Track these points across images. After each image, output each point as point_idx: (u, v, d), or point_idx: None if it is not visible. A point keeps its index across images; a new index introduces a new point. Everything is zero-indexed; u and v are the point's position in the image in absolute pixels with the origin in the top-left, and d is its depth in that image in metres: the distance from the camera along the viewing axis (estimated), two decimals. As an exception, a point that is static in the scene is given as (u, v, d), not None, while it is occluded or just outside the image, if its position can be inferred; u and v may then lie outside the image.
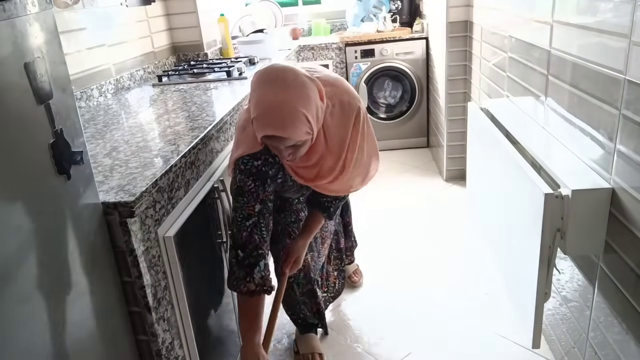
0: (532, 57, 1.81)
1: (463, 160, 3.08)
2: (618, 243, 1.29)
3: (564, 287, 1.64)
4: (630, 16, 1.16)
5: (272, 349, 1.96)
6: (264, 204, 1.42)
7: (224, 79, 2.44)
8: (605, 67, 1.28)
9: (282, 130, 1.25)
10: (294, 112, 1.26)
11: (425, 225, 2.77)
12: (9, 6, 0.85)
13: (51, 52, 0.95)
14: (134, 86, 2.47)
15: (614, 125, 1.25)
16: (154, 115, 1.86)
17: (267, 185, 1.42)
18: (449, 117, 3.15)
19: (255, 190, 1.40)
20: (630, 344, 1.25)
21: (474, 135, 2.21)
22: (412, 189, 3.23)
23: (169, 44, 2.96)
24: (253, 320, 1.43)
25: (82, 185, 1.03)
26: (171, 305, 1.31)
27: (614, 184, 1.29)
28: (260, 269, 1.41)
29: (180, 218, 1.35)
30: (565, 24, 1.52)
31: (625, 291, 1.25)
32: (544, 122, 1.73)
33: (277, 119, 1.25)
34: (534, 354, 1.79)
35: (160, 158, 1.35)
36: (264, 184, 1.42)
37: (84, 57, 2.10)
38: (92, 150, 1.45)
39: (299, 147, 1.34)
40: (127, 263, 1.15)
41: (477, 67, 2.75)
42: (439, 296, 2.18)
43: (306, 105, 1.28)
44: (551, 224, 1.34)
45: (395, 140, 3.89)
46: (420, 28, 3.72)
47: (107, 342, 1.12)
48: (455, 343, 1.90)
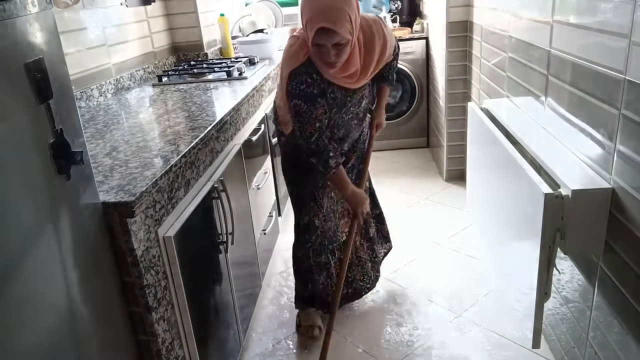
0: (532, 57, 1.81)
1: (463, 160, 3.08)
2: (618, 243, 1.29)
3: (564, 287, 1.64)
4: (630, 16, 1.16)
5: (272, 349, 1.96)
6: (320, 121, 1.66)
7: (224, 79, 2.44)
8: (605, 67, 1.28)
9: (333, 23, 1.49)
10: (342, 11, 1.51)
11: (425, 225, 2.77)
12: (9, 6, 0.85)
13: (51, 52, 0.95)
14: (134, 86, 2.47)
15: (614, 125, 1.25)
16: (154, 115, 1.86)
17: (317, 103, 1.65)
18: (449, 117, 3.15)
19: (308, 109, 1.63)
20: (630, 344, 1.25)
21: (474, 135, 2.21)
22: (412, 189, 3.23)
23: (168, 44, 2.96)
24: (343, 181, 1.79)
25: (82, 185, 1.03)
26: (171, 305, 1.31)
27: (614, 184, 1.29)
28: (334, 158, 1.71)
29: (180, 218, 1.35)
30: (565, 24, 1.52)
31: (625, 291, 1.25)
32: (544, 122, 1.73)
33: (328, 15, 1.49)
34: (534, 354, 1.79)
35: (160, 158, 1.35)
36: (314, 102, 1.64)
37: (84, 57, 2.10)
38: (92, 150, 1.45)
39: (342, 47, 1.55)
40: (127, 263, 1.15)
41: (477, 67, 2.75)
42: (439, 296, 2.18)
43: (349, 6, 1.53)
44: (551, 224, 1.34)
45: (395, 140, 3.89)
46: (420, 28, 3.72)
47: (107, 342, 1.12)
48: (455, 343, 1.90)
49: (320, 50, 1.56)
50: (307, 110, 1.63)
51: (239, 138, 1.99)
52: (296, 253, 2.04)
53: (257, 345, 1.99)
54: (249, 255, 2.03)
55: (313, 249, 1.98)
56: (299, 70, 1.62)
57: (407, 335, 1.97)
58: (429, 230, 2.71)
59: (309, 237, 1.95)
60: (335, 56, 1.56)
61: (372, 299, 2.20)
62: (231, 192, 1.70)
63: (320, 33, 1.50)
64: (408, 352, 1.88)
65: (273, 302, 2.25)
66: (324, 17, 1.48)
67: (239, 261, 1.84)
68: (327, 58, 1.56)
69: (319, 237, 1.95)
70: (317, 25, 1.49)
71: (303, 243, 1.98)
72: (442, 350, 1.87)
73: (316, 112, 1.64)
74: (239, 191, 1.90)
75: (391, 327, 2.02)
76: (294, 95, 1.64)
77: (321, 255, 2.00)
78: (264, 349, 1.97)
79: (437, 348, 1.89)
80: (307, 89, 1.62)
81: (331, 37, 1.51)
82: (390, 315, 2.09)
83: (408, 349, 1.90)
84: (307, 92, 1.62)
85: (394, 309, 2.12)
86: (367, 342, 1.96)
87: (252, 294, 2.08)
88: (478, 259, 2.40)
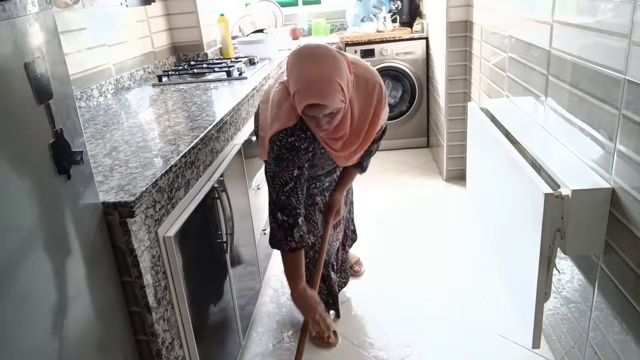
0: (532, 57, 1.81)
1: (463, 160, 3.08)
2: (618, 243, 1.29)
3: (564, 287, 1.64)
4: (630, 16, 1.16)
5: (272, 348, 1.96)
6: (300, 170, 1.56)
7: (224, 79, 2.44)
8: (605, 67, 1.28)
9: (322, 98, 1.40)
10: (332, 82, 1.41)
11: (425, 225, 2.77)
12: (9, 6, 0.85)
13: (51, 52, 0.95)
14: (134, 86, 2.47)
15: (614, 125, 1.25)
16: (154, 115, 1.86)
17: (301, 154, 1.56)
18: (449, 117, 3.15)
19: (292, 158, 1.54)
20: (630, 344, 1.25)
21: (474, 135, 2.21)
22: (412, 189, 3.23)
23: (169, 44, 2.96)
24: (297, 271, 1.62)
25: (82, 185, 1.03)
26: (171, 305, 1.31)
27: (614, 184, 1.29)
28: (299, 228, 1.57)
29: (180, 218, 1.35)
30: (565, 24, 1.52)
31: (625, 291, 1.25)
32: (544, 122, 1.73)
33: (317, 89, 1.40)
34: (534, 354, 1.79)
35: (160, 158, 1.35)
36: (299, 154, 1.55)
37: (84, 57, 2.10)
38: (92, 150, 1.45)
39: (334, 116, 1.47)
40: (127, 263, 1.15)
41: (477, 67, 2.75)
42: (439, 296, 2.18)
43: (340, 76, 1.43)
44: (551, 224, 1.34)
45: (395, 140, 3.89)
46: (420, 28, 3.72)
47: (107, 342, 1.12)
48: (455, 343, 1.90)
49: (311, 120, 1.48)
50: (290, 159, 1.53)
51: (239, 138, 1.99)
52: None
53: (258, 344, 1.99)
54: (249, 255, 2.03)
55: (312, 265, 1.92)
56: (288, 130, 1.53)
57: (406, 336, 1.97)
58: (429, 230, 2.71)
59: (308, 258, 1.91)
60: (328, 123, 1.48)
61: (371, 299, 2.20)
62: (231, 192, 1.70)
63: (310, 107, 1.42)
64: (407, 353, 1.88)
65: (273, 301, 2.25)
66: (314, 91, 1.39)
67: (239, 261, 1.84)
68: (321, 127, 1.48)
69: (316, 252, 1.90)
70: (306, 102, 1.40)
71: None
72: (442, 350, 1.87)
73: (299, 161, 1.54)
74: (239, 191, 1.90)
75: (389, 327, 2.02)
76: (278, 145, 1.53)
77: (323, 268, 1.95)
78: (264, 348, 1.97)
79: (437, 348, 1.89)
80: (296, 142, 1.54)
81: (322, 110, 1.42)
82: (389, 315, 2.09)
83: (406, 350, 1.90)
84: (295, 145, 1.53)
85: (393, 309, 2.12)
86: (365, 342, 1.96)
87: (252, 294, 2.08)
88: (478, 259, 2.40)
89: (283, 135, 1.52)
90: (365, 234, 2.62)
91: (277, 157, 1.54)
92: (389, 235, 2.70)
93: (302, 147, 1.55)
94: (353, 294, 2.25)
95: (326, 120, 1.46)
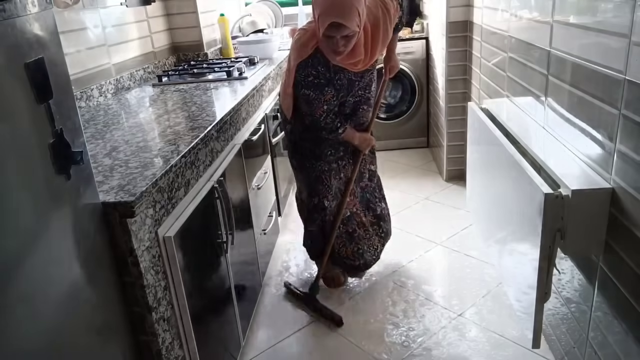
0: (532, 57, 1.80)
1: (463, 160, 3.08)
2: (618, 243, 1.29)
3: (564, 287, 1.64)
4: (630, 16, 1.16)
5: (273, 348, 1.96)
6: (328, 103, 1.88)
7: (224, 79, 2.44)
8: (605, 67, 1.28)
9: (342, 18, 1.65)
10: (351, 6, 1.67)
11: (425, 225, 2.76)
12: (9, 6, 0.85)
13: (51, 52, 0.95)
14: (134, 86, 2.47)
15: (614, 125, 1.25)
16: (154, 115, 1.86)
17: (324, 91, 1.85)
18: (449, 117, 3.15)
19: (317, 97, 1.85)
20: (630, 344, 1.25)
21: (474, 135, 2.21)
22: (412, 189, 3.23)
23: (169, 44, 2.96)
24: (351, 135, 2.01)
25: (82, 185, 1.03)
26: (171, 305, 1.31)
27: (614, 184, 1.29)
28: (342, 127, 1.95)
29: (180, 218, 1.35)
30: (565, 24, 1.52)
31: (625, 291, 1.25)
32: (544, 122, 1.73)
33: (339, 10, 1.66)
34: (534, 354, 1.79)
35: (160, 158, 1.35)
36: (322, 90, 1.85)
37: (84, 57, 2.10)
38: (92, 150, 1.45)
39: (350, 39, 1.73)
40: (127, 263, 1.15)
41: (477, 67, 2.75)
42: (439, 296, 2.18)
43: (358, 2, 1.68)
44: (551, 224, 1.34)
45: (395, 140, 3.89)
46: (420, 28, 3.72)
47: (108, 342, 1.12)
48: (455, 343, 1.90)
49: (330, 41, 1.73)
50: (315, 98, 1.85)
51: (239, 138, 1.99)
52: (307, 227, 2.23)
53: (258, 344, 1.99)
54: (249, 255, 2.03)
55: (323, 226, 2.16)
56: (306, 62, 1.81)
57: (406, 335, 1.97)
58: (429, 230, 2.70)
59: (318, 216, 2.14)
60: (344, 46, 1.73)
61: (371, 299, 2.20)
62: (231, 192, 1.70)
63: (331, 26, 1.67)
64: (407, 352, 1.88)
65: (273, 301, 2.25)
66: (336, 12, 1.65)
67: (239, 261, 1.84)
68: (337, 48, 1.73)
69: (328, 215, 2.14)
70: (329, 20, 1.66)
71: (313, 221, 2.16)
72: (441, 351, 1.87)
73: (324, 97, 1.85)
74: (239, 191, 1.90)
75: (390, 327, 2.02)
76: (302, 86, 1.84)
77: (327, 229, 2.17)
78: (265, 348, 1.97)
79: (437, 348, 1.89)
80: (314, 80, 1.83)
81: (341, 30, 1.68)
82: (390, 315, 2.09)
83: (407, 349, 1.90)
84: (315, 82, 1.83)
85: (393, 309, 2.12)
86: (366, 341, 1.96)
87: (252, 294, 2.08)
88: (478, 259, 2.40)
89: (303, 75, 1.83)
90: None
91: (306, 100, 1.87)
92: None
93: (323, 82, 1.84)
94: (352, 293, 2.25)
95: (342, 42, 1.72)
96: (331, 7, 1.67)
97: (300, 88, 1.85)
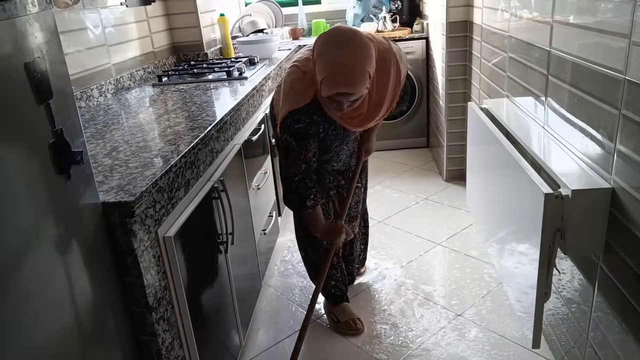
0: (532, 57, 1.80)
1: (463, 160, 3.08)
2: (618, 243, 1.29)
3: (564, 287, 1.64)
4: (630, 16, 1.16)
5: (273, 348, 1.96)
6: (307, 163, 1.61)
7: (224, 79, 2.44)
8: (605, 67, 1.28)
9: (352, 87, 1.42)
10: (362, 71, 1.42)
11: (425, 225, 2.77)
12: (9, 6, 0.85)
13: (51, 52, 0.95)
14: (134, 86, 2.47)
15: (614, 125, 1.25)
16: (154, 115, 1.86)
17: (308, 144, 1.59)
18: (449, 117, 3.14)
19: (298, 149, 1.58)
20: (630, 344, 1.25)
21: (474, 135, 2.21)
22: (412, 189, 3.23)
23: (169, 44, 2.96)
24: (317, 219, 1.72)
25: (82, 185, 1.03)
26: (171, 305, 1.31)
27: (614, 184, 1.29)
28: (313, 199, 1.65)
29: (180, 218, 1.35)
30: (565, 24, 1.52)
31: (625, 291, 1.25)
32: (544, 122, 1.73)
33: (347, 79, 1.42)
34: (534, 354, 1.79)
35: (160, 158, 1.35)
36: (306, 144, 1.59)
37: (84, 57, 2.10)
38: (92, 150, 1.45)
39: (357, 100, 1.50)
40: (127, 263, 1.15)
41: (477, 67, 2.75)
42: (439, 296, 2.18)
43: (369, 64, 1.45)
44: (551, 224, 1.34)
45: (395, 140, 3.89)
46: (420, 28, 3.72)
47: (108, 342, 1.12)
48: (455, 343, 1.90)
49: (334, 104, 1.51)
50: (296, 150, 1.58)
51: (239, 138, 1.99)
52: (310, 256, 2.04)
53: (258, 344, 1.99)
54: (249, 255, 2.03)
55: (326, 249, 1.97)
56: (300, 110, 1.54)
57: (405, 336, 1.97)
58: (429, 230, 2.71)
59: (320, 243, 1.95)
60: (349, 107, 1.52)
61: (371, 299, 2.20)
62: (231, 192, 1.70)
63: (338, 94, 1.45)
64: (406, 353, 1.88)
65: (273, 301, 2.25)
66: (345, 81, 1.42)
67: (239, 261, 1.84)
68: (342, 110, 1.52)
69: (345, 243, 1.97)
70: (336, 90, 1.43)
71: (318, 247, 1.97)
72: (440, 351, 1.87)
73: (305, 154, 1.59)
74: (239, 191, 1.90)
75: (389, 327, 2.02)
76: (287, 131, 1.58)
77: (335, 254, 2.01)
78: (265, 348, 1.97)
79: (436, 348, 1.89)
80: (303, 129, 1.56)
81: (349, 97, 1.46)
82: (389, 315, 2.09)
83: (406, 349, 1.90)
84: (302, 132, 1.57)
85: (393, 309, 2.12)
86: (365, 341, 1.96)
87: (252, 294, 2.08)
88: (478, 259, 2.40)
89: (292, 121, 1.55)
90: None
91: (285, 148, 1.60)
92: (388, 236, 2.70)
93: (311, 133, 1.58)
94: (352, 294, 2.25)
95: (348, 104, 1.50)
96: (339, 76, 1.42)
97: (283, 133, 1.58)
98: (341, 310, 2.05)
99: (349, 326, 1.99)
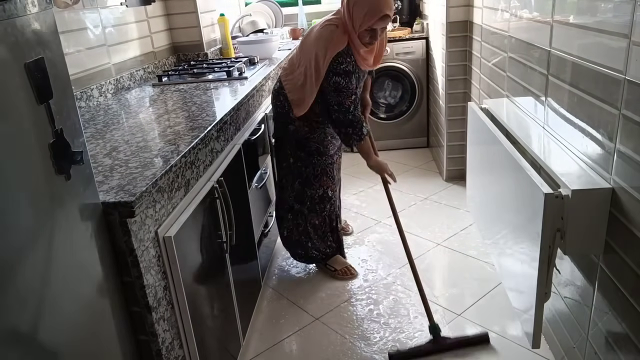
0: (532, 57, 1.81)
1: (463, 160, 3.08)
2: (618, 243, 1.29)
3: (564, 287, 1.64)
4: (630, 16, 1.16)
5: (273, 348, 1.96)
6: (355, 94, 2.02)
7: (224, 79, 2.44)
8: (605, 67, 1.28)
9: (390, 9, 1.89)
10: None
11: (425, 225, 2.77)
12: (9, 6, 0.85)
13: (51, 52, 0.95)
14: (134, 86, 2.47)
15: (614, 125, 1.25)
16: (154, 115, 1.86)
17: (352, 79, 1.99)
18: (449, 117, 3.15)
19: (346, 85, 1.97)
20: (631, 344, 1.25)
21: (474, 135, 2.21)
22: (412, 189, 3.23)
23: (169, 44, 2.96)
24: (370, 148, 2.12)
25: (82, 185, 1.03)
26: (171, 305, 1.31)
27: (614, 184, 1.29)
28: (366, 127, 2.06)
29: (181, 218, 1.35)
30: (565, 24, 1.52)
31: (625, 291, 1.25)
32: (544, 122, 1.73)
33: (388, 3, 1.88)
34: (534, 354, 1.79)
35: (160, 158, 1.35)
36: (351, 78, 1.98)
37: (84, 57, 2.10)
38: (92, 150, 1.45)
39: (385, 28, 1.98)
40: (127, 263, 1.15)
41: (477, 67, 2.75)
42: (439, 296, 2.18)
43: None
44: (551, 224, 1.34)
45: (395, 140, 3.89)
46: (420, 28, 3.72)
47: (107, 342, 1.12)
48: (455, 343, 1.90)
49: (370, 34, 1.92)
50: (345, 86, 1.96)
51: (239, 138, 1.99)
52: (312, 221, 2.29)
53: (258, 344, 1.99)
54: (249, 255, 2.03)
55: (329, 216, 2.30)
56: (341, 53, 1.94)
57: (406, 335, 1.97)
58: (429, 230, 2.71)
59: (324, 206, 2.27)
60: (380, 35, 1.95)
61: (371, 299, 2.20)
62: (231, 192, 1.70)
63: (381, 19, 1.87)
64: (408, 352, 1.88)
65: (273, 301, 2.25)
66: (388, 6, 1.88)
67: (239, 261, 1.84)
68: (376, 38, 1.95)
69: (333, 205, 2.29)
70: (382, 14, 1.86)
71: (320, 212, 2.27)
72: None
73: (352, 88, 1.98)
74: (239, 191, 1.90)
75: (389, 327, 2.02)
76: (334, 73, 1.95)
77: (333, 219, 2.32)
78: (265, 348, 1.97)
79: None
80: (347, 67, 1.95)
81: (386, 21, 1.91)
82: (388, 315, 2.09)
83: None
84: (347, 70, 1.95)
85: (392, 309, 2.12)
86: (365, 341, 1.96)
87: (252, 294, 2.08)
88: (478, 259, 2.40)
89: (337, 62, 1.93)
90: (364, 234, 2.62)
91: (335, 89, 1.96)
92: (388, 236, 2.70)
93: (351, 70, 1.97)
94: (352, 293, 2.25)
95: (380, 32, 1.94)
96: (383, 3, 1.86)
97: (331, 77, 1.95)
98: (335, 260, 2.38)
99: (345, 273, 2.35)
